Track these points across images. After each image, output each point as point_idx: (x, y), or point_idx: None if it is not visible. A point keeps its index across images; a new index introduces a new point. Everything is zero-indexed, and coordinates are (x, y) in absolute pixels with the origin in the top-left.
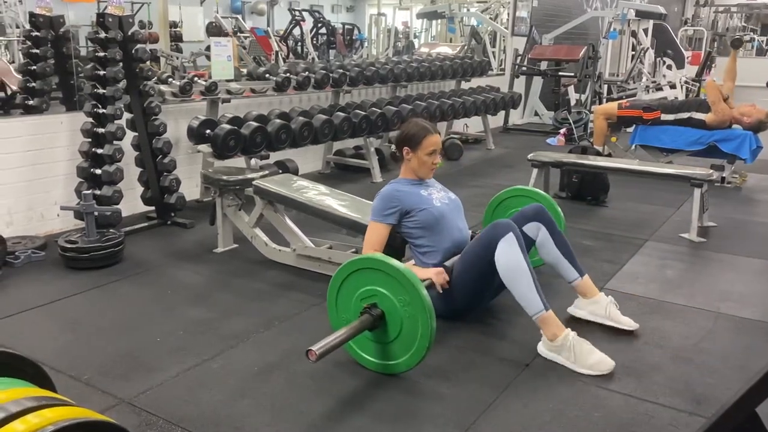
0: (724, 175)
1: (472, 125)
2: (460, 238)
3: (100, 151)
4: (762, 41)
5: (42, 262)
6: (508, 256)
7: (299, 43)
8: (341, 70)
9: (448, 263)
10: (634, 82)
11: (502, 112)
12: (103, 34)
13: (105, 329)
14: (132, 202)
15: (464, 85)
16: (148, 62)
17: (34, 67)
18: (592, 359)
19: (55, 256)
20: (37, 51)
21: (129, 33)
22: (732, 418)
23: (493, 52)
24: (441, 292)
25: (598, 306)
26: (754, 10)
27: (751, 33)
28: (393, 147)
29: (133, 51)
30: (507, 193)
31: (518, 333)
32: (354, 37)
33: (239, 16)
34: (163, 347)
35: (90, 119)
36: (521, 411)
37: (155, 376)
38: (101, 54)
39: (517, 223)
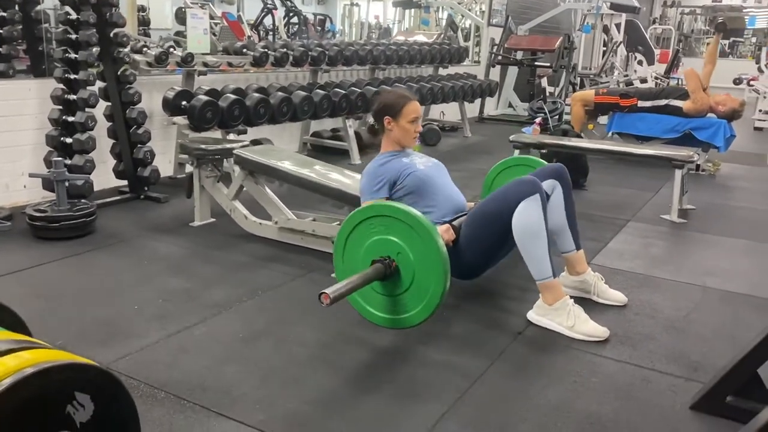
0: (698, 163)
1: (448, 113)
2: (453, 195)
3: (71, 118)
4: (724, 44)
5: (8, 233)
6: (529, 218)
7: (270, 33)
8: (320, 49)
9: (455, 223)
10: (606, 76)
11: (478, 102)
12: None
13: (79, 297)
14: (103, 175)
15: (441, 72)
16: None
17: (1, 31)
18: (588, 326)
19: (22, 227)
20: (4, 14)
21: None
22: (735, 378)
23: (468, 46)
24: (450, 245)
25: (586, 283)
26: (717, 13)
27: (713, 34)
28: (371, 119)
29: (107, 15)
30: (508, 162)
31: (508, 302)
32: (326, 29)
33: (210, 3)
34: (142, 315)
35: (61, 85)
36: (518, 376)
37: (135, 342)
38: (73, 17)
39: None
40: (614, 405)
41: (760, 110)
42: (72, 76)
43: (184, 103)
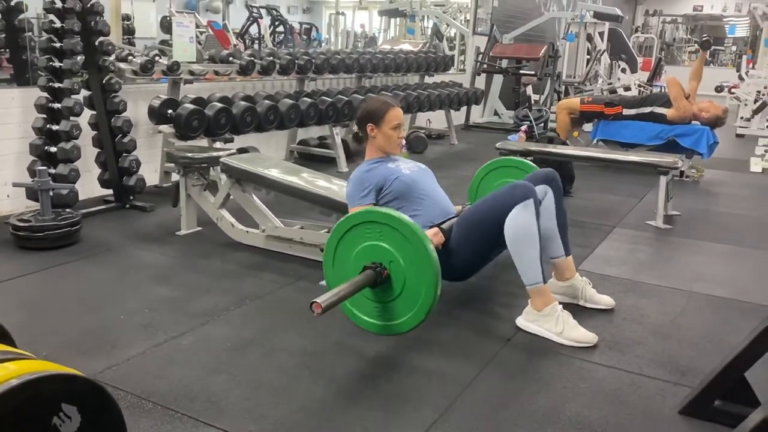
0: (682, 170)
1: (434, 121)
2: (440, 199)
3: (55, 127)
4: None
5: None
6: (522, 223)
7: (256, 41)
8: (307, 57)
9: (444, 226)
10: (590, 84)
11: (464, 110)
12: (60, 4)
13: (64, 307)
14: (88, 185)
15: (427, 81)
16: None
17: None
18: (577, 332)
19: (5, 237)
20: None
21: (88, 4)
22: (722, 383)
23: (453, 54)
24: (440, 248)
25: (573, 288)
26: (699, 22)
27: (695, 44)
28: (355, 127)
29: (92, 23)
30: (494, 163)
31: (497, 308)
32: (312, 38)
33: (195, 12)
34: (129, 324)
35: (45, 94)
36: (508, 383)
37: (121, 353)
38: (58, 25)
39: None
40: (603, 410)
41: (742, 117)
42: (56, 85)
43: (170, 111)
